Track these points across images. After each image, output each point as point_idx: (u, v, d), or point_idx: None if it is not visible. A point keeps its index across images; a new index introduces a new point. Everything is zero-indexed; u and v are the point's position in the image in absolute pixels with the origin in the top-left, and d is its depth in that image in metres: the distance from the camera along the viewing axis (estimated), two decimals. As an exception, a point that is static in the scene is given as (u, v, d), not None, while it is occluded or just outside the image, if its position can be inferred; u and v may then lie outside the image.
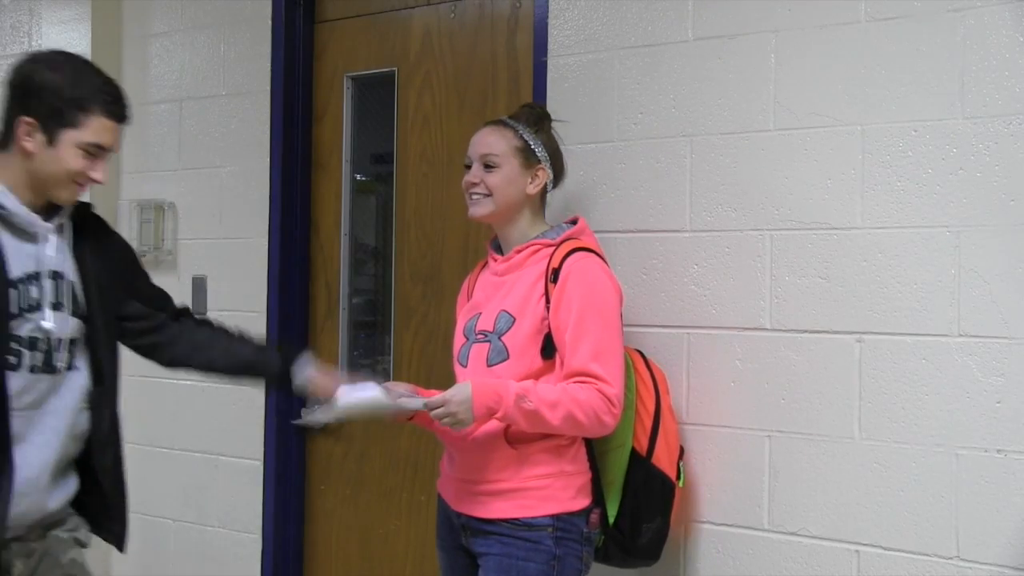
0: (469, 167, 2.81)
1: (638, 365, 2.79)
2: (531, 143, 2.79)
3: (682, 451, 2.85)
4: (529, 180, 2.78)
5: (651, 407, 2.78)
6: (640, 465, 2.73)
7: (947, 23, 2.61)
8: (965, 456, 2.56)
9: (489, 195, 2.76)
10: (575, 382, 2.59)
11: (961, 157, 2.59)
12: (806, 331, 2.79)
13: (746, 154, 2.88)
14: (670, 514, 2.79)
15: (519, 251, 2.76)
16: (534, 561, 2.62)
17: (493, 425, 2.63)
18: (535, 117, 2.85)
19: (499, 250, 2.85)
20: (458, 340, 2.82)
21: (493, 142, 2.79)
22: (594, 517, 2.71)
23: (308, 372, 2.80)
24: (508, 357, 2.66)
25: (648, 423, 2.77)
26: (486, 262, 2.90)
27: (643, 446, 2.75)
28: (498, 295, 2.75)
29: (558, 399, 2.56)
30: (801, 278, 2.79)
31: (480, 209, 2.78)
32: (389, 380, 3.70)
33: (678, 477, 2.80)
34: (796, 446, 2.79)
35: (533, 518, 2.63)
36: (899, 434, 2.64)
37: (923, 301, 2.62)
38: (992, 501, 2.52)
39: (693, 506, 2.93)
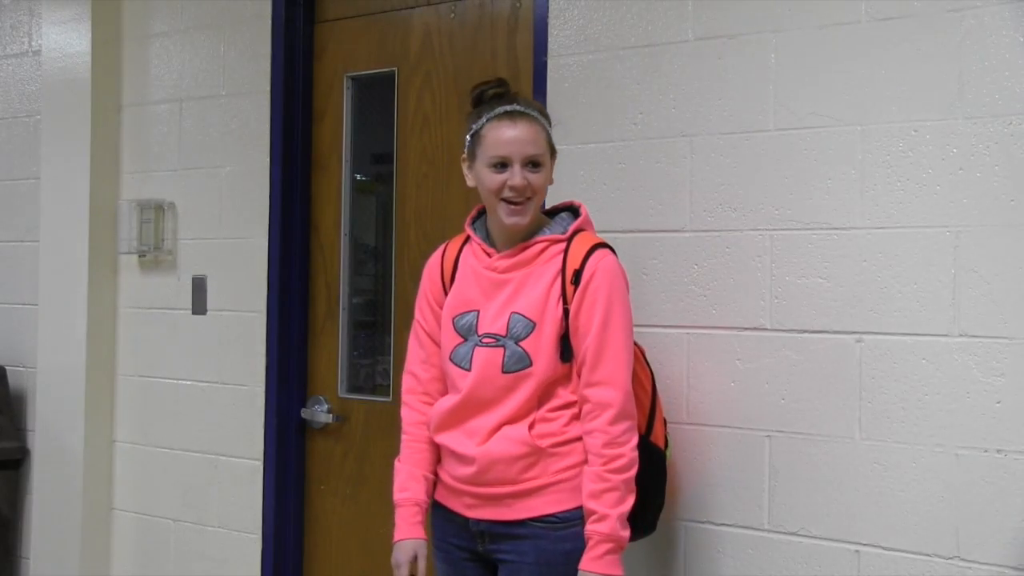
0: (501, 166, 2.61)
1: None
2: (550, 132, 2.68)
3: (665, 421, 2.84)
4: (551, 173, 2.69)
5: (648, 386, 2.77)
6: (641, 444, 2.70)
7: (947, 23, 2.61)
8: (965, 456, 2.56)
9: (531, 198, 2.62)
10: (598, 434, 2.54)
11: (961, 157, 2.59)
12: (806, 331, 2.79)
13: (746, 154, 2.88)
14: (665, 486, 2.80)
15: (525, 247, 2.65)
16: (573, 562, 2.53)
17: (516, 430, 2.60)
18: (532, 100, 2.71)
19: (486, 238, 2.73)
20: (451, 338, 2.70)
21: (538, 139, 2.63)
22: None
23: None
24: (531, 364, 2.58)
25: (646, 402, 2.75)
26: (461, 246, 2.77)
27: (641, 425, 2.70)
28: (501, 294, 2.65)
29: (613, 487, 2.51)
30: (801, 278, 2.79)
31: (526, 217, 2.62)
32: (389, 383, 3.71)
33: (666, 446, 2.80)
34: (796, 446, 2.79)
35: (567, 511, 2.56)
36: (899, 434, 2.64)
37: (923, 301, 2.62)
38: (992, 501, 2.52)
39: (695, 503, 2.93)
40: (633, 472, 2.54)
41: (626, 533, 2.51)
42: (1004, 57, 2.54)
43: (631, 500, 2.53)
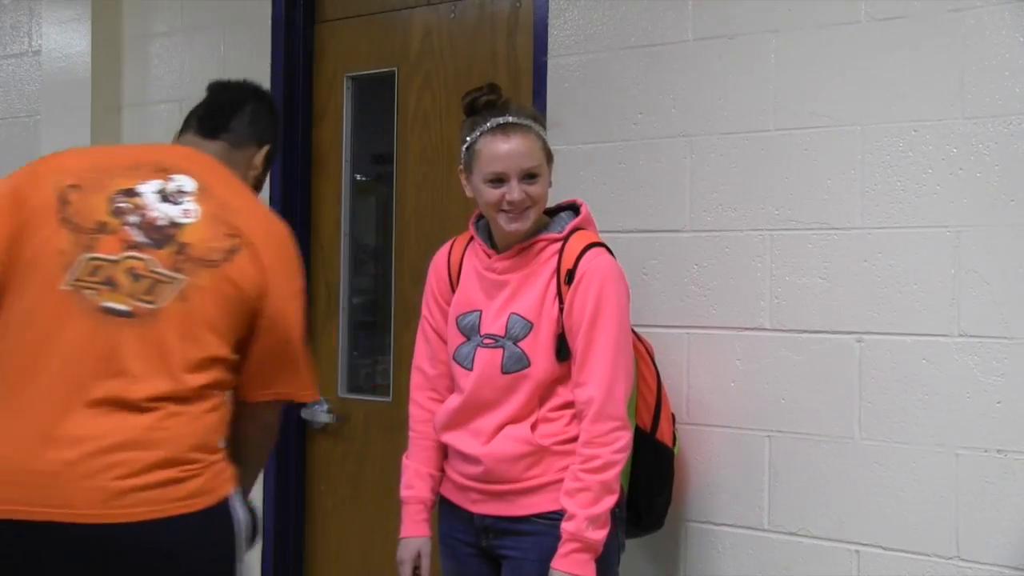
0: (498, 181, 2.58)
1: (635, 342, 2.76)
2: (545, 138, 2.66)
3: (673, 417, 2.84)
4: (549, 178, 2.66)
5: (653, 384, 2.77)
6: (646, 441, 2.71)
7: (947, 23, 2.61)
8: (965, 456, 2.56)
9: (531, 207, 2.60)
10: (581, 432, 2.53)
11: (961, 157, 2.59)
12: (806, 331, 2.79)
13: (746, 154, 2.88)
14: (672, 483, 2.80)
15: (523, 248, 2.64)
16: None
17: (518, 429, 2.60)
18: (524, 106, 2.71)
19: (488, 239, 2.72)
20: (455, 337, 2.71)
21: (533, 150, 2.60)
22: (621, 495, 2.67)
23: None
24: (529, 364, 2.58)
25: (651, 400, 2.76)
26: (466, 245, 2.76)
27: (647, 423, 2.73)
28: (501, 295, 2.65)
29: (585, 487, 2.50)
30: (801, 278, 2.79)
31: (526, 223, 2.60)
32: (389, 383, 3.70)
33: (673, 443, 2.80)
34: (796, 446, 2.79)
35: None
36: (899, 434, 2.65)
37: (923, 301, 2.62)
38: (992, 501, 2.52)
39: (694, 503, 2.93)
40: (611, 474, 2.51)
41: (595, 535, 2.49)
42: (1004, 57, 2.54)
43: (608, 501, 2.51)
